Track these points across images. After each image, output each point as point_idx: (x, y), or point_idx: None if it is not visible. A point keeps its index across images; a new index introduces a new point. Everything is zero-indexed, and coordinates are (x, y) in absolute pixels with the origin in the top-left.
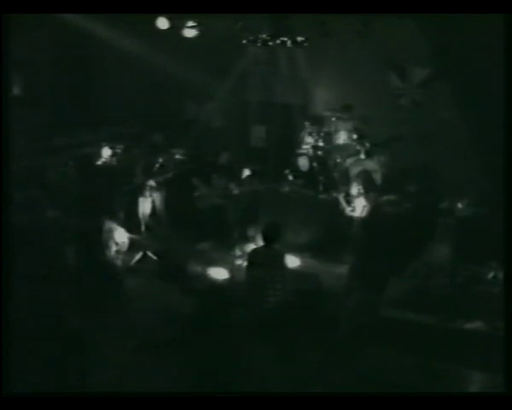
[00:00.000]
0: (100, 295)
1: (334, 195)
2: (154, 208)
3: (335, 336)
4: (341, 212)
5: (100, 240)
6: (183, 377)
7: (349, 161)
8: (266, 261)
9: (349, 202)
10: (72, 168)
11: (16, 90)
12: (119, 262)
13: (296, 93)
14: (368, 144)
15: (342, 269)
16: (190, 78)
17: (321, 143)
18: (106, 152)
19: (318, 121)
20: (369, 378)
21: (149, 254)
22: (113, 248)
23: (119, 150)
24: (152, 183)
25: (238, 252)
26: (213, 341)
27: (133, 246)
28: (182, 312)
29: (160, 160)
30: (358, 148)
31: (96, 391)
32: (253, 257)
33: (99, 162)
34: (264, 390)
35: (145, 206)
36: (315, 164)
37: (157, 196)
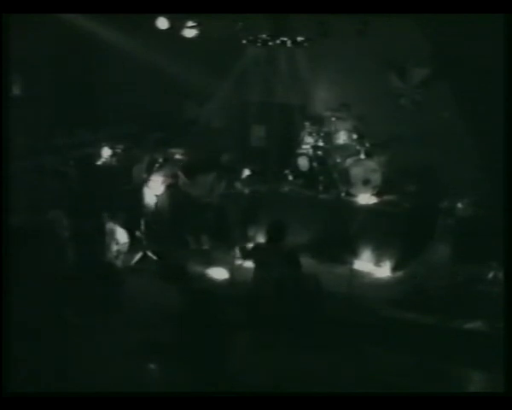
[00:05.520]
0: (100, 295)
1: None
2: (153, 208)
3: (335, 336)
4: (341, 212)
5: (100, 240)
6: (182, 377)
7: (349, 161)
8: (269, 258)
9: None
10: (72, 168)
11: (16, 90)
12: (119, 262)
13: (296, 93)
14: (368, 144)
15: (342, 269)
16: (190, 78)
17: (321, 143)
18: (106, 152)
19: (318, 121)
20: (369, 378)
21: (149, 254)
22: (114, 248)
23: (119, 150)
24: (152, 183)
25: (238, 252)
26: (213, 340)
27: (133, 246)
28: (182, 312)
29: (160, 160)
30: (358, 148)
31: (96, 391)
32: (255, 253)
33: (99, 162)
34: (265, 390)
35: (145, 206)
36: (315, 164)
37: (157, 196)
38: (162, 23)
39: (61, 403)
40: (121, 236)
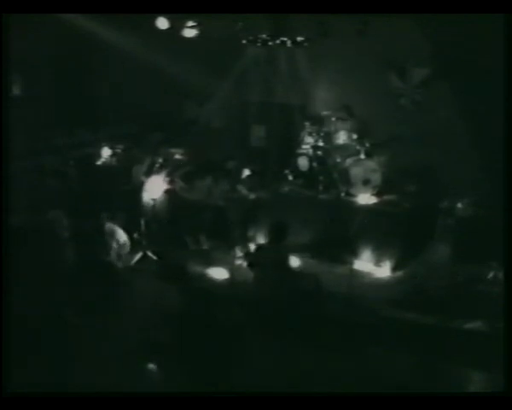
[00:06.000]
0: (100, 295)
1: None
2: (153, 208)
3: (335, 336)
4: (341, 212)
5: (100, 240)
6: (182, 377)
7: (349, 161)
8: (270, 262)
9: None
10: (72, 168)
11: (16, 90)
12: (119, 262)
13: (296, 93)
14: (368, 144)
15: (342, 269)
16: (190, 78)
17: (321, 143)
18: (106, 152)
19: (318, 121)
20: (369, 378)
21: (149, 254)
22: (114, 248)
23: (119, 150)
24: (152, 183)
25: (238, 252)
26: (213, 340)
27: (133, 246)
28: (182, 312)
29: (160, 160)
30: (358, 148)
31: (96, 391)
32: (257, 255)
33: (99, 162)
34: (265, 390)
35: (145, 206)
36: (315, 164)
37: (157, 196)
38: (162, 23)
39: (61, 403)
40: (121, 236)
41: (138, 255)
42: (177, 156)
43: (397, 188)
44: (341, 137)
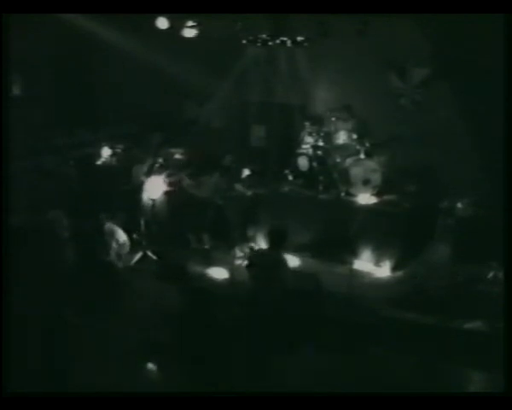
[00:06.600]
0: (100, 295)
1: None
2: (153, 208)
3: (335, 336)
4: (341, 212)
5: (100, 240)
6: (182, 377)
7: (349, 160)
8: (270, 264)
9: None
10: (72, 168)
11: (16, 90)
12: (119, 262)
13: (296, 93)
14: (368, 144)
15: (342, 269)
16: (190, 78)
17: (321, 143)
18: (106, 152)
19: (318, 121)
20: (369, 378)
21: (149, 254)
22: (114, 249)
23: (119, 150)
24: (152, 183)
25: (238, 252)
26: (213, 340)
27: (133, 246)
28: (182, 312)
29: (160, 160)
30: (358, 148)
31: (96, 391)
32: (256, 260)
33: (99, 162)
34: (265, 390)
35: (145, 206)
36: (315, 164)
37: (157, 196)
38: (162, 23)
39: (61, 403)
40: (121, 236)
41: (138, 255)
42: (177, 156)
43: (397, 188)
44: (341, 137)
